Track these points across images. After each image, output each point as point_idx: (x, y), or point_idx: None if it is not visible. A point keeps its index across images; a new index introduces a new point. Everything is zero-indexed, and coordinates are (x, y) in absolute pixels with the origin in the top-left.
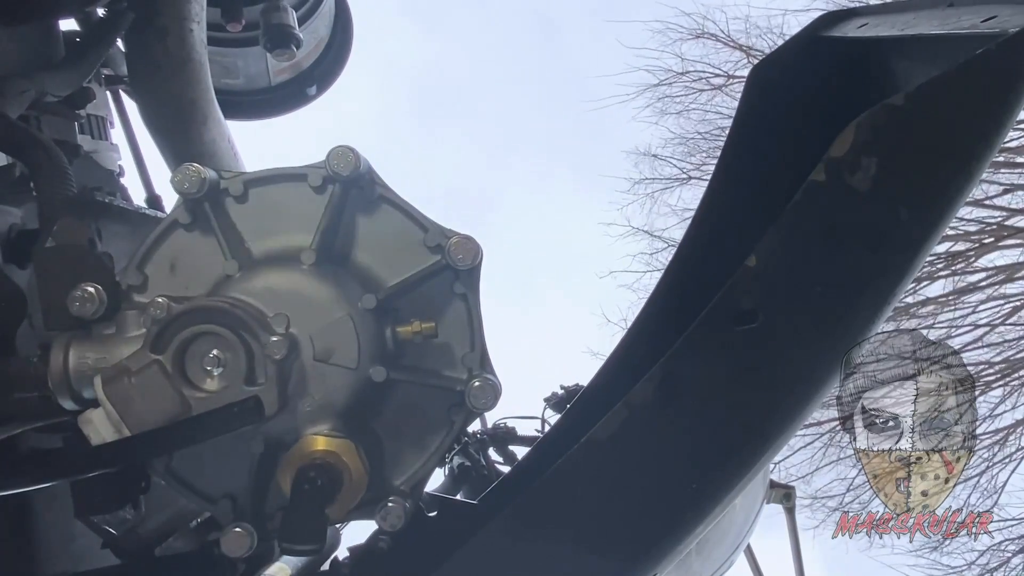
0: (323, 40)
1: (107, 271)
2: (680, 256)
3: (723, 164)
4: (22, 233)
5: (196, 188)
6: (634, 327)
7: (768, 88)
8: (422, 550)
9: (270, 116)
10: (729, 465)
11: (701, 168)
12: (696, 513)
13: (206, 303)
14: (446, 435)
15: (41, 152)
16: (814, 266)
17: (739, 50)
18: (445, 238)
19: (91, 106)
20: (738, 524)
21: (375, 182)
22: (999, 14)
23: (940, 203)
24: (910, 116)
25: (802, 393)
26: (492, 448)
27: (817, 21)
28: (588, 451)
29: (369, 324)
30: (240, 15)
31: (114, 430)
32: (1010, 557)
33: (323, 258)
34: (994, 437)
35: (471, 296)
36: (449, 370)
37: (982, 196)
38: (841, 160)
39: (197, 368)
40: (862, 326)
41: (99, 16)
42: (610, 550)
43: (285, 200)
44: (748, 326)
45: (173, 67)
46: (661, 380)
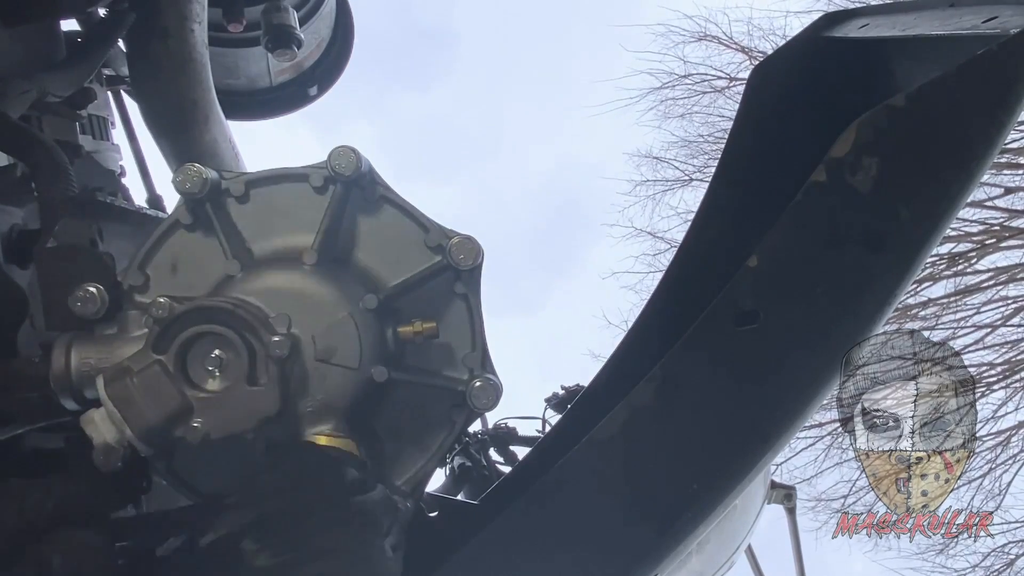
0: (324, 40)
1: (108, 271)
2: (681, 257)
3: (724, 164)
4: (23, 233)
5: (197, 188)
6: (635, 328)
7: (769, 88)
8: (423, 550)
9: (271, 116)
10: (730, 466)
11: (703, 171)
12: (696, 513)
13: (208, 303)
14: (447, 435)
15: (42, 152)
16: (815, 266)
17: (741, 52)
18: (446, 238)
19: (92, 106)
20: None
21: (376, 182)
22: (1000, 15)
23: (941, 203)
24: (911, 116)
25: (802, 394)
26: (493, 448)
27: (818, 22)
28: (589, 452)
29: (371, 324)
30: (241, 15)
31: (116, 430)
32: (1014, 559)
33: (325, 258)
34: (997, 439)
35: (472, 296)
36: (450, 370)
37: (984, 197)
38: (842, 160)
39: (199, 368)
40: (863, 326)
41: (100, 16)
42: (611, 550)
43: (287, 200)
44: (748, 326)
45: (174, 67)
46: (662, 381)
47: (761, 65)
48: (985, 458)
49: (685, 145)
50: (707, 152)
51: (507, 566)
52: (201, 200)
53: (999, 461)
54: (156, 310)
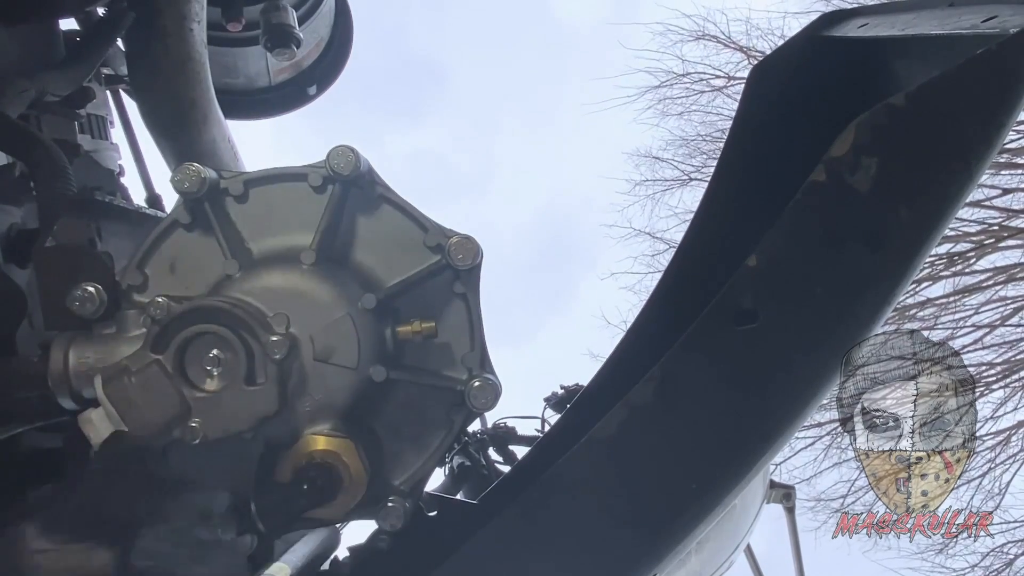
0: (323, 40)
1: (107, 271)
2: (680, 256)
3: (723, 164)
4: (22, 232)
5: (196, 188)
6: (634, 327)
7: (768, 88)
8: (422, 550)
9: (270, 116)
10: (729, 465)
11: (702, 170)
12: (696, 513)
13: (206, 303)
14: (446, 435)
15: (41, 151)
16: (814, 266)
17: (740, 51)
18: (445, 238)
19: (91, 105)
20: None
21: (375, 182)
22: (999, 14)
23: (940, 203)
24: (910, 116)
25: (802, 393)
26: (492, 448)
27: (817, 21)
28: (588, 451)
29: (369, 324)
30: (240, 15)
31: (114, 430)
32: (1013, 559)
33: (323, 258)
34: (997, 438)
35: (471, 296)
36: (449, 370)
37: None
38: (841, 160)
39: (197, 368)
40: (862, 326)
41: (99, 16)
42: (610, 550)
43: (285, 200)
44: (748, 326)
45: (173, 67)
46: (661, 380)
47: (760, 65)
48: (985, 457)
49: (683, 144)
50: (705, 151)
51: (506, 565)
52: (200, 199)
53: (998, 461)
54: (154, 310)
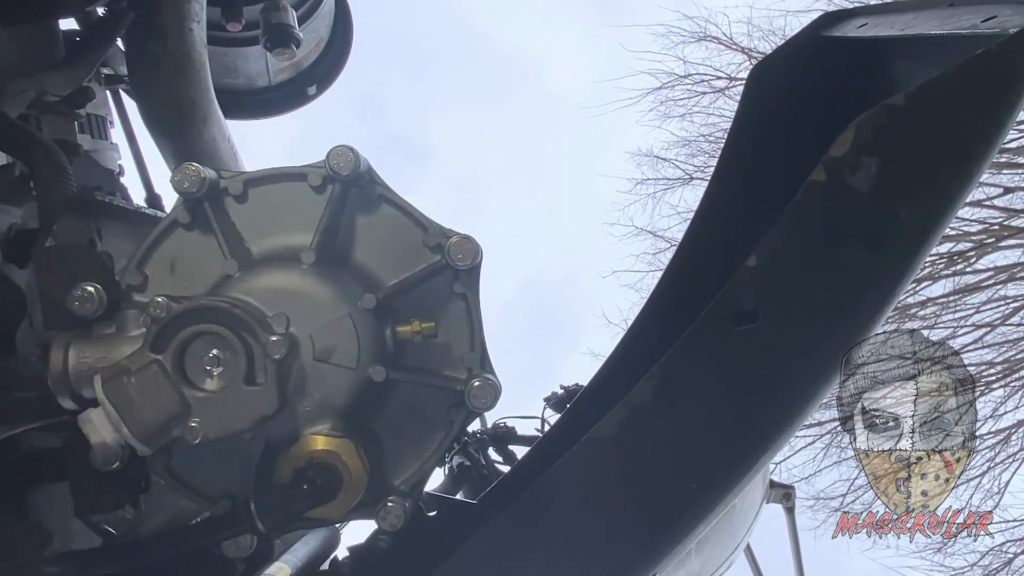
0: (323, 39)
1: (107, 270)
2: (680, 256)
3: (723, 164)
4: (22, 232)
5: (196, 187)
6: (634, 327)
7: (768, 88)
8: (422, 550)
9: (270, 115)
10: (729, 465)
11: (703, 170)
12: (696, 513)
13: (206, 303)
14: (446, 435)
15: (41, 151)
16: (814, 266)
17: (741, 52)
18: (445, 238)
19: (91, 105)
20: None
21: (375, 181)
22: (999, 14)
23: (940, 203)
24: (910, 116)
25: (802, 393)
26: (492, 448)
27: (817, 21)
28: (588, 451)
29: (369, 324)
30: (240, 15)
31: (113, 430)
32: (1012, 558)
33: (323, 258)
34: (997, 437)
35: (471, 296)
36: (449, 370)
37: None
38: (841, 160)
39: (197, 368)
40: (862, 326)
41: (99, 15)
42: (610, 550)
43: (285, 200)
44: (748, 326)
45: (173, 67)
46: (661, 380)
47: (760, 64)
48: (985, 456)
49: (685, 145)
50: (707, 152)
51: (506, 565)
52: (199, 199)
53: (998, 460)
54: (154, 309)
